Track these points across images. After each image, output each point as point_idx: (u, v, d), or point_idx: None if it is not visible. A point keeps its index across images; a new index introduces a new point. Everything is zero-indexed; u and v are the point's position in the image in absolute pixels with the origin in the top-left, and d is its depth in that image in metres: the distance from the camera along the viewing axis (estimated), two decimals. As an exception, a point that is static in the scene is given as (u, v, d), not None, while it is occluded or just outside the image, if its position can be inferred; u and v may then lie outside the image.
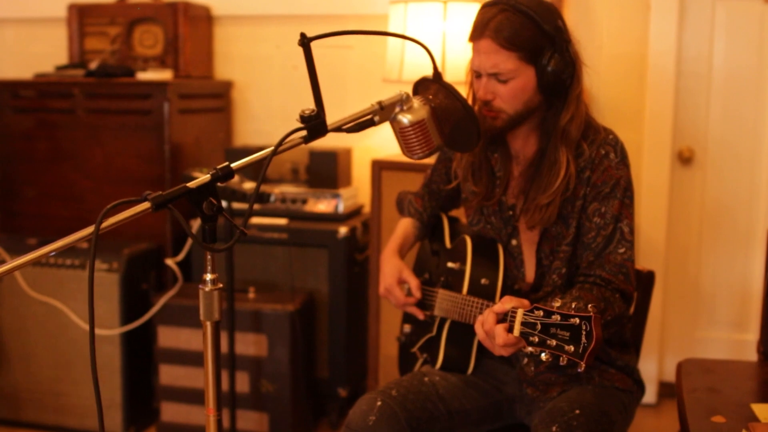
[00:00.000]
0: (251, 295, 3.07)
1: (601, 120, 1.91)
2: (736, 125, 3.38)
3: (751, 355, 3.43)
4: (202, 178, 1.42)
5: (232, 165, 1.46)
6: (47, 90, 3.41)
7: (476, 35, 1.79)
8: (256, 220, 3.20)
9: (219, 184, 1.43)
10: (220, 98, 3.70)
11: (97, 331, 3.07)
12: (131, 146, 3.30)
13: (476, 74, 1.84)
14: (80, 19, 3.60)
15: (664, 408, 3.43)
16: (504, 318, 1.59)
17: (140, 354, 3.17)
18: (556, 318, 1.48)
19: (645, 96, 3.37)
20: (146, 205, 1.35)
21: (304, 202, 3.23)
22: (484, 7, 1.81)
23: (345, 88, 3.59)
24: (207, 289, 1.45)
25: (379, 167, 3.07)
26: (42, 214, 3.43)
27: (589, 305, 1.45)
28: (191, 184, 1.41)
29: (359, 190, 3.43)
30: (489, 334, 1.60)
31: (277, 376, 2.99)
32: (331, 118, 1.47)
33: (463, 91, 1.79)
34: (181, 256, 3.16)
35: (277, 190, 3.24)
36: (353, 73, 3.60)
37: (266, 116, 3.75)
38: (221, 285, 1.46)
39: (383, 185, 3.07)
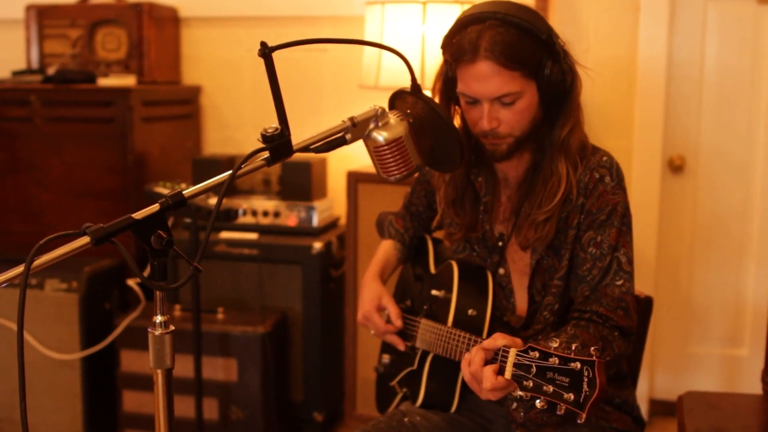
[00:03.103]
0: (220, 315, 2.89)
1: (588, 127, 1.74)
2: (729, 131, 3.23)
3: (745, 372, 3.33)
4: (150, 208, 1.26)
5: (185, 192, 1.31)
6: (2, 97, 3.21)
7: (468, 58, 1.56)
8: (224, 234, 3.02)
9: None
10: (187, 104, 3.51)
11: (56, 355, 2.89)
12: (93, 157, 3.12)
13: (470, 101, 1.63)
14: (39, 21, 3.40)
15: (655, 428, 3.28)
16: (494, 358, 1.43)
17: (102, 379, 2.97)
18: (554, 361, 1.31)
19: (634, 101, 3.21)
20: (85, 239, 1.21)
21: (277, 215, 3.05)
22: (468, 25, 1.58)
23: (320, 94, 3.40)
24: (157, 333, 1.29)
25: (355, 179, 2.89)
26: (-1, 230, 3.24)
27: (592, 348, 1.29)
28: (137, 215, 1.26)
29: (335, 201, 3.26)
30: (476, 377, 1.43)
31: (248, 401, 2.81)
32: (306, 126, 1.31)
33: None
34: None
35: (246, 204, 3.06)
36: (329, 77, 3.41)
37: (237, 123, 3.56)
38: (173, 328, 1.29)
39: (359, 198, 2.90)
